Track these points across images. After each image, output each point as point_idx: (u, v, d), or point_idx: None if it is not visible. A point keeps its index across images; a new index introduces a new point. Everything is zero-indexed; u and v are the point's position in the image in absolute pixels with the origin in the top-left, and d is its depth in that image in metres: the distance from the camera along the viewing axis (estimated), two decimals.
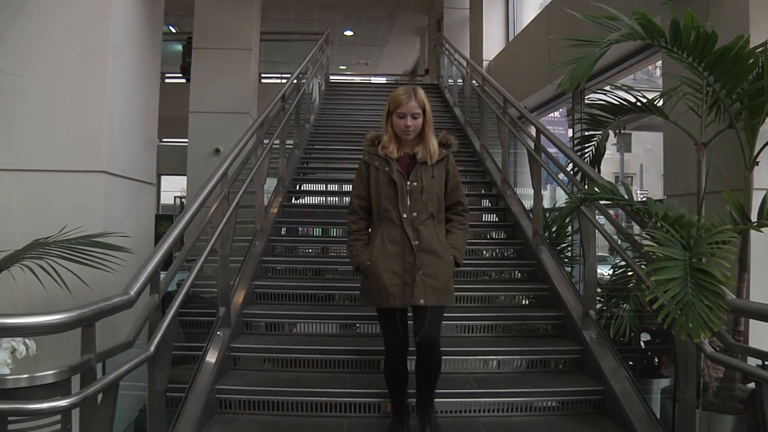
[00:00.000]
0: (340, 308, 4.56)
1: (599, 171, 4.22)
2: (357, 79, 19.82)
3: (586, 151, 4.38)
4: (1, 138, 3.73)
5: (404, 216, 3.06)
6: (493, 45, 10.88)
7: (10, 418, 1.90)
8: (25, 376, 1.97)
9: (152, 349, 2.47)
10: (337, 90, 11.57)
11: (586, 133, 4.41)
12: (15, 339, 2.41)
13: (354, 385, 3.63)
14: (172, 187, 14.23)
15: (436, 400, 3.29)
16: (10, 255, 2.82)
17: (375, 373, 3.73)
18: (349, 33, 16.52)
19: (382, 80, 19.80)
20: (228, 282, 3.91)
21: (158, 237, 4.87)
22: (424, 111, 3.09)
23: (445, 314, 3.23)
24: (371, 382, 3.59)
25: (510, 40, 10.77)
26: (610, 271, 4.26)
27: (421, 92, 3.11)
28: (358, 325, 4.37)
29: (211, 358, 3.55)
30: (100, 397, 2.14)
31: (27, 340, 2.46)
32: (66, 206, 3.64)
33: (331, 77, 12.40)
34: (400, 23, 15.86)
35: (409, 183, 3.09)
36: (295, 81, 6.94)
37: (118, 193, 3.94)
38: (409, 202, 3.07)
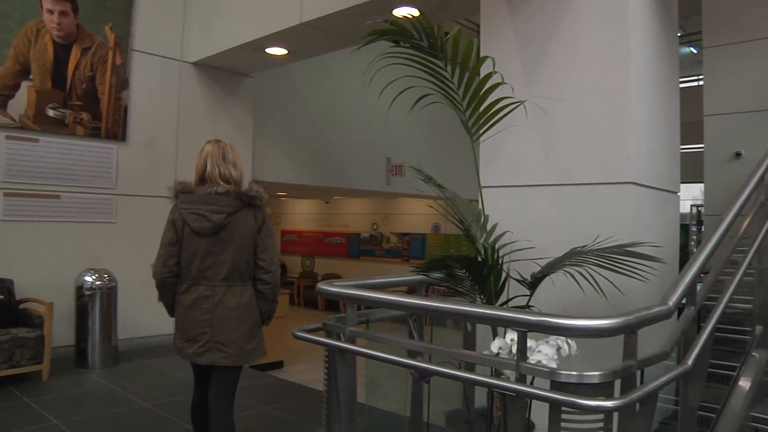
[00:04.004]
0: None
1: None
2: None
3: None
4: (539, 156, 4.17)
5: None
6: None
7: (562, 408, 2.12)
8: (575, 373, 2.15)
9: (690, 362, 2.42)
10: None
11: None
12: (560, 338, 2.65)
13: None
14: (684, 195, 13.75)
15: None
16: (552, 261, 3.10)
17: None
18: None
19: None
20: (766, 298, 3.57)
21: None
22: None
23: None
24: None
25: None
26: None
27: None
28: None
29: (745, 380, 3.28)
30: (637, 404, 2.19)
31: (569, 340, 2.67)
32: (597, 216, 3.81)
33: None
34: None
35: None
36: None
37: (644, 203, 3.96)
38: None
